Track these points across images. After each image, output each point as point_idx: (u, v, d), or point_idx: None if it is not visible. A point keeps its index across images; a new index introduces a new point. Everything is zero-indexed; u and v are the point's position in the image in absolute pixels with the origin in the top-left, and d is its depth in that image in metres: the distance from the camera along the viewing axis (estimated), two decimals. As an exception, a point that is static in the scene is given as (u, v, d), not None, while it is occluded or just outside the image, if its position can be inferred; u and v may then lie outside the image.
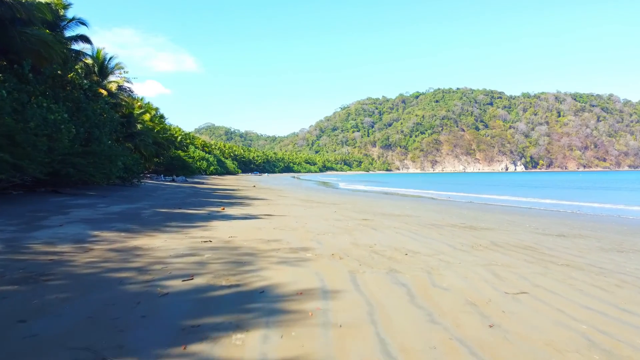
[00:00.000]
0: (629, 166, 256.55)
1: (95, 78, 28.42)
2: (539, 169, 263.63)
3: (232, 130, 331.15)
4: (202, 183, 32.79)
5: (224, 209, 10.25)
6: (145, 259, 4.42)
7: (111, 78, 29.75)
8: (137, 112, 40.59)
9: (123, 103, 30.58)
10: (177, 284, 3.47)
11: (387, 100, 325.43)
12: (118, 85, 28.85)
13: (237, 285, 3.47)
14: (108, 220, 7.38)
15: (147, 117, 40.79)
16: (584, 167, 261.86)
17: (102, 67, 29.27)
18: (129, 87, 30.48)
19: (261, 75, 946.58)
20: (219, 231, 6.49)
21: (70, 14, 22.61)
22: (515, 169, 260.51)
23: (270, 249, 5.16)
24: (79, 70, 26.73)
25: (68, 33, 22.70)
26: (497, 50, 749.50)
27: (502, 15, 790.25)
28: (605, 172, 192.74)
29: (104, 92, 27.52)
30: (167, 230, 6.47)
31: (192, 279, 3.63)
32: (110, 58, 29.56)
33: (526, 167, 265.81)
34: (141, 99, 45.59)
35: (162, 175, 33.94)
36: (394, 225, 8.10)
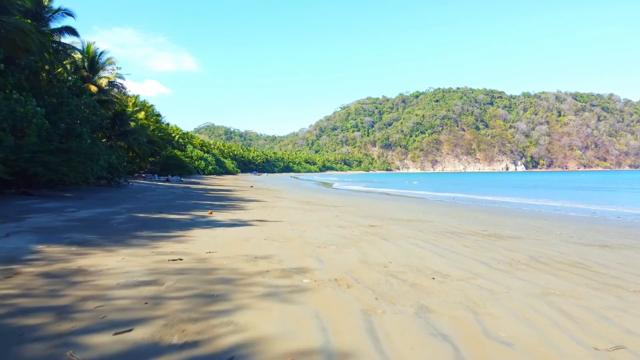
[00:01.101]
0: (630, 166, 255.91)
1: (85, 73, 27.20)
2: (540, 168, 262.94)
3: (231, 130, 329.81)
4: (198, 183, 31.58)
5: (211, 213, 9.06)
6: (81, 289, 3.22)
7: (103, 74, 28.51)
8: (131, 109, 39.40)
9: (115, 100, 29.35)
10: (103, 342, 2.27)
11: (387, 100, 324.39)
12: (109, 81, 27.61)
13: (195, 344, 2.27)
14: (67, 229, 6.18)
15: (141, 115, 39.57)
16: (585, 166, 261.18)
17: (93, 62, 28.05)
18: (120, 83, 29.25)
19: (261, 75, 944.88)
20: (197, 244, 5.29)
21: (56, 4, 21.39)
22: (516, 169, 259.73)
23: (256, 271, 3.96)
24: (68, 66, 25.58)
25: (54, 25, 21.48)
26: (497, 50, 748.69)
27: (502, 15, 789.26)
28: (606, 172, 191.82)
29: (94, 88, 26.33)
30: (133, 243, 5.27)
31: (130, 331, 2.43)
32: (101, 53, 28.33)
33: (527, 167, 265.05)
34: (136, 97, 44.43)
35: (156, 175, 32.72)
36: (407, 234, 6.90)
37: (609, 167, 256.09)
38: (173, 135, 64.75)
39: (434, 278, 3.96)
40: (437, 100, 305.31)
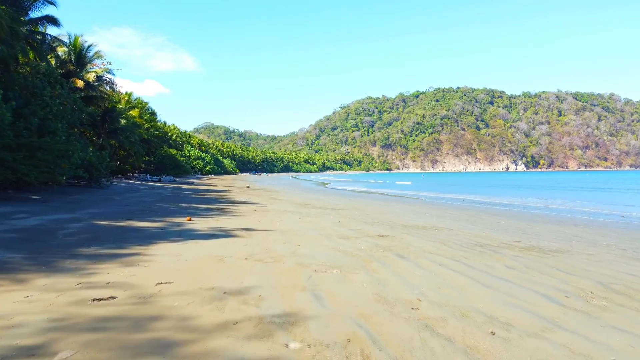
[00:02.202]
0: (630, 165, 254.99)
1: (72, 67, 25.82)
2: (540, 168, 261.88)
3: (231, 129, 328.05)
4: (192, 183, 30.17)
5: (190, 219, 7.66)
6: None
7: (91, 69, 27.10)
8: (123, 106, 38.00)
9: (104, 96, 27.94)
10: None
11: (387, 100, 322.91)
12: (97, 76, 26.18)
13: None
14: (-7, 243, 4.79)
15: (135, 112, 38.24)
16: (585, 166, 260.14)
17: (80, 56, 26.67)
18: (110, 79, 27.83)
19: (260, 75, 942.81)
20: (151, 268, 3.90)
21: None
22: (516, 169, 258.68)
23: (219, 322, 2.57)
24: (52, 60, 24.25)
25: (34, 14, 20.10)
26: (497, 49, 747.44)
27: (502, 14, 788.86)
28: (608, 171, 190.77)
29: (80, 83, 24.94)
30: (64, 266, 3.88)
31: None
32: (89, 46, 26.97)
33: (527, 167, 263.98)
34: (129, 94, 42.99)
35: (148, 175, 31.31)
36: (428, 248, 5.52)
37: (610, 167, 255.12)
38: (170, 134, 63.34)
39: (493, 332, 2.58)
40: (437, 100, 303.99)
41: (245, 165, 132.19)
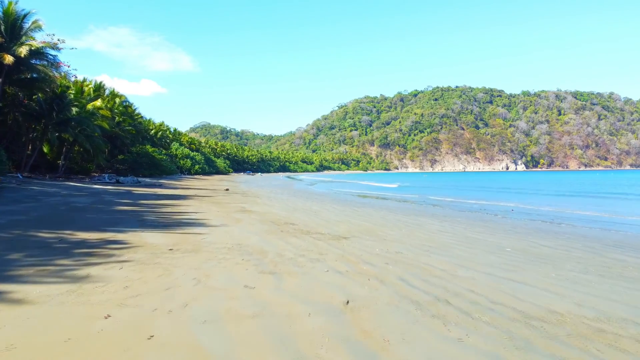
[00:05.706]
0: (631, 165, 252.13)
1: (0, 40, 20.43)
2: (540, 168, 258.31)
3: (227, 129, 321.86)
4: (159, 186, 24.79)
5: None
6: None
7: (28, 42, 21.63)
8: (88, 95, 32.60)
9: (47, 78, 22.51)
10: None
11: (385, 99, 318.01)
12: (31, 50, 20.56)
13: None
14: None
15: (98, 103, 32.58)
16: (585, 166, 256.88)
17: (14, 27, 21.22)
18: (53, 56, 22.31)
19: (258, 75, 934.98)
20: None
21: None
22: (516, 168, 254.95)
23: None
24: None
25: None
26: (496, 48, 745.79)
27: (501, 13, 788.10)
28: (611, 171, 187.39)
29: (9, 59, 19.56)
30: None
31: None
32: (26, 14, 21.50)
33: (527, 166, 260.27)
34: (99, 84, 37.44)
35: (105, 176, 25.88)
36: None
37: (610, 167, 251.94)
38: (154, 131, 57.66)
39: None
40: (435, 99, 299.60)
41: (240, 165, 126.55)
